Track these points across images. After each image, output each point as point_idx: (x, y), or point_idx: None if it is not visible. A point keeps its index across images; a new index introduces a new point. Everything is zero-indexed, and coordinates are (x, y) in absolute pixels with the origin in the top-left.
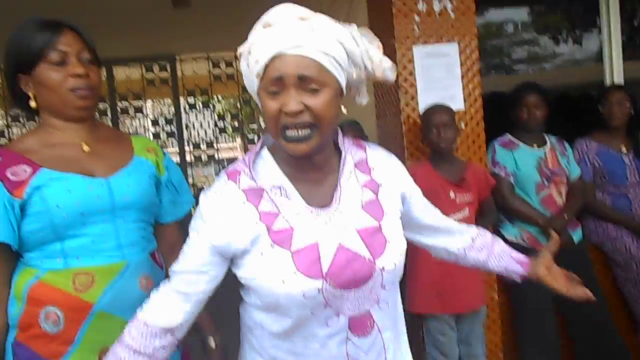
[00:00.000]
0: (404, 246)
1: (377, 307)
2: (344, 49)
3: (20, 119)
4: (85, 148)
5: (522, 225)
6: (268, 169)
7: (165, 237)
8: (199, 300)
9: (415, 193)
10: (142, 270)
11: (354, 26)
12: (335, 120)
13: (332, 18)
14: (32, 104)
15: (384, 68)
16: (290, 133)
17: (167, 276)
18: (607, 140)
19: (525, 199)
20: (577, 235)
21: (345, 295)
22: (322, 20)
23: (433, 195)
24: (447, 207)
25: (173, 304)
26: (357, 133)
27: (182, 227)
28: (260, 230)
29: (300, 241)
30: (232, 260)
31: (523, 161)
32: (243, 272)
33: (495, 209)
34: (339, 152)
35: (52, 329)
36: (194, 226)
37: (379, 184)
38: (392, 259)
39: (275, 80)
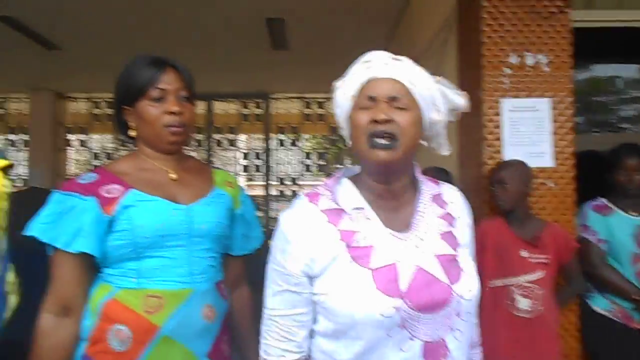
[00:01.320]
0: (477, 280)
1: (452, 336)
2: (430, 92)
3: (128, 145)
4: (173, 176)
5: (614, 298)
6: (348, 193)
7: (232, 270)
8: (308, 322)
9: (470, 250)
10: (207, 299)
11: (442, 79)
12: (416, 144)
13: (423, 67)
14: (132, 133)
15: (457, 102)
16: (377, 141)
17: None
18: None
19: (618, 270)
20: None
21: (421, 318)
22: (413, 65)
23: (503, 252)
24: (518, 266)
25: (292, 333)
26: (444, 180)
27: (247, 262)
28: (340, 248)
29: (379, 260)
30: (312, 280)
31: (618, 228)
32: (322, 290)
33: (582, 277)
34: (415, 185)
35: (119, 347)
36: (278, 248)
37: (454, 217)
38: (469, 288)
39: (369, 98)
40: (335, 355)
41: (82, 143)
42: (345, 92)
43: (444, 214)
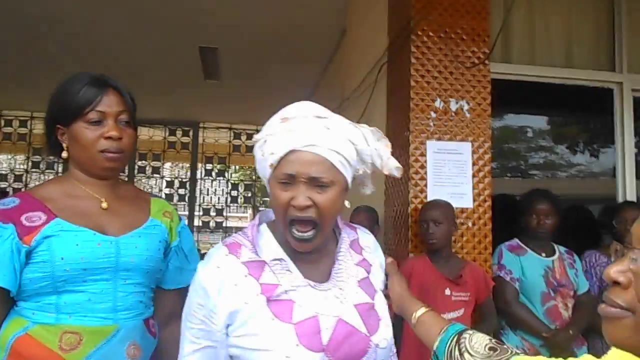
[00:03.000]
0: (391, 328)
1: None
2: (355, 147)
3: (41, 166)
4: (104, 205)
5: (524, 334)
6: (268, 243)
7: (165, 304)
8: None
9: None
10: (133, 337)
11: (366, 126)
12: (338, 214)
13: (354, 106)
14: (64, 154)
15: (391, 166)
16: (297, 234)
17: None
18: (617, 256)
19: (529, 308)
20: (581, 354)
21: None
22: (336, 120)
23: (428, 290)
24: (441, 304)
25: None
26: (371, 219)
27: (184, 296)
28: (261, 302)
29: (301, 314)
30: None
31: (530, 268)
32: (240, 344)
33: (495, 314)
34: (335, 234)
35: None
36: (197, 303)
37: (370, 264)
38: (385, 336)
39: (288, 175)
40: None
41: None
42: (264, 154)
43: (360, 260)
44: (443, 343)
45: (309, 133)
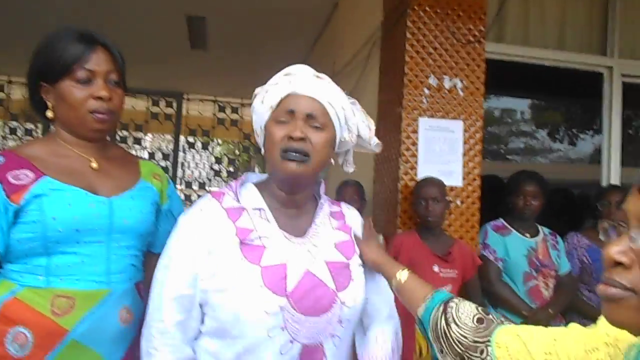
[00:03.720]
0: (364, 292)
1: (331, 342)
2: (344, 112)
3: (18, 132)
4: (94, 165)
5: (505, 312)
6: (251, 195)
7: (154, 268)
8: (197, 326)
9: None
10: (125, 301)
11: (356, 102)
12: (325, 162)
13: (344, 82)
14: (49, 114)
15: (372, 142)
16: (290, 154)
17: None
18: (599, 238)
19: (512, 288)
20: None
21: (303, 321)
22: (332, 84)
23: (416, 266)
24: (429, 280)
25: (187, 339)
26: (358, 193)
27: None
28: (234, 243)
29: (269, 259)
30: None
31: (513, 248)
32: (210, 286)
33: (479, 293)
34: (316, 200)
35: (17, 352)
36: (178, 248)
37: (350, 227)
38: (354, 297)
39: (287, 112)
40: (219, 355)
41: None
42: (264, 101)
43: (341, 225)
44: (428, 311)
45: (308, 83)
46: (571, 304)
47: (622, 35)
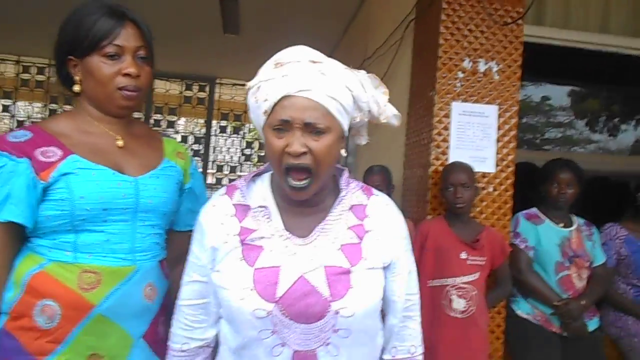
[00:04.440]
0: (374, 300)
1: (325, 350)
2: (351, 94)
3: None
4: (120, 142)
5: (535, 303)
6: (261, 191)
7: (176, 246)
8: (213, 312)
9: (401, 263)
10: (150, 278)
11: (363, 72)
12: (335, 163)
13: (377, 65)
14: (77, 88)
15: (389, 114)
16: (292, 183)
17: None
18: (639, 230)
19: (542, 277)
20: (592, 325)
21: (293, 327)
22: (332, 65)
23: (444, 253)
24: (456, 267)
25: (198, 321)
26: (384, 179)
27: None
28: (236, 243)
29: (264, 261)
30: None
31: (546, 238)
32: (216, 279)
33: (509, 281)
34: (336, 193)
35: (45, 324)
36: (196, 239)
37: (366, 231)
38: (353, 307)
39: (282, 121)
40: (228, 341)
41: (5, 109)
42: (257, 102)
43: (356, 225)
44: None
45: (303, 78)
46: (606, 297)
47: None
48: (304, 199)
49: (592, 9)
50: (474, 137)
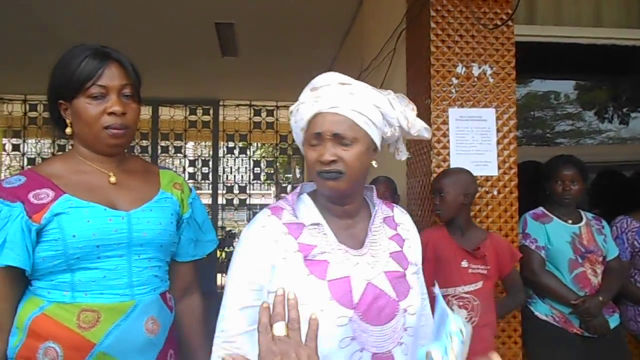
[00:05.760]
0: (423, 298)
1: (400, 349)
2: (379, 110)
3: (67, 149)
4: (112, 179)
5: (553, 303)
6: (308, 209)
7: (180, 277)
8: None
9: (420, 266)
10: (151, 312)
11: (391, 92)
12: (364, 171)
13: (373, 77)
14: (68, 130)
15: (419, 127)
16: (324, 174)
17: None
18: None
19: (557, 276)
20: (613, 321)
21: (370, 331)
22: (359, 86)
23: (444, 262)
24: (457, 277)
25: (244, 350)
26: (390, 189)
27: (199, 268)
28: (298, 259)
29: (334, 273)
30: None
31: (556, 236)
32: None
33: (521, 288)
34: (369, 207)
35: None
36: (243, 262)
37: (404, 239)
38: (414, 303)
39: (315, 134)
40: None
41: (16, 147)
42: (297, 122)
43: (394, 235)
44: None
45: (333, 97)
46: (622, 291)
47: None
48: (340, 194)
49: (584, 4)
50: (474, 141)
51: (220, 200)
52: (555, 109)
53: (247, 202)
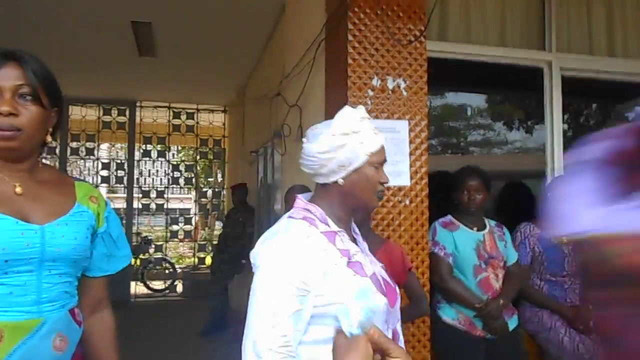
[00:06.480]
0: None
1: (400, 326)
2: None
3: (80, 152)
4: (18, 189)
5: (459, 307)
6: (328, 218)
7: (91, 293)
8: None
9: None
10: (58, 329)
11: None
12: None
13: (294, 84)
14: None
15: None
16: (380, 195)
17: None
18: None
19: (463, 281)
20: (512, 323)
21: (391, 312)
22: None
23: None
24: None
25: (294, 352)
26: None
27: (110, 283)
28: (344, 263)
29: (368, 270)
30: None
31: (462, 242)
32: (327, 300)
33: (423, 296)
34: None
35: None
36: (289, 270)
37: (364, 244)
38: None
39: (382, 161)
40: (320, 358)
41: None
42: (364, 144)
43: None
44: None
45: (379, 134)
46: (522, 293)
47: (559, 29)
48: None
49: (490, 24)
50: (389, 152)
51: (136, 204)
52: (468, 120)
53: (165, 206)
